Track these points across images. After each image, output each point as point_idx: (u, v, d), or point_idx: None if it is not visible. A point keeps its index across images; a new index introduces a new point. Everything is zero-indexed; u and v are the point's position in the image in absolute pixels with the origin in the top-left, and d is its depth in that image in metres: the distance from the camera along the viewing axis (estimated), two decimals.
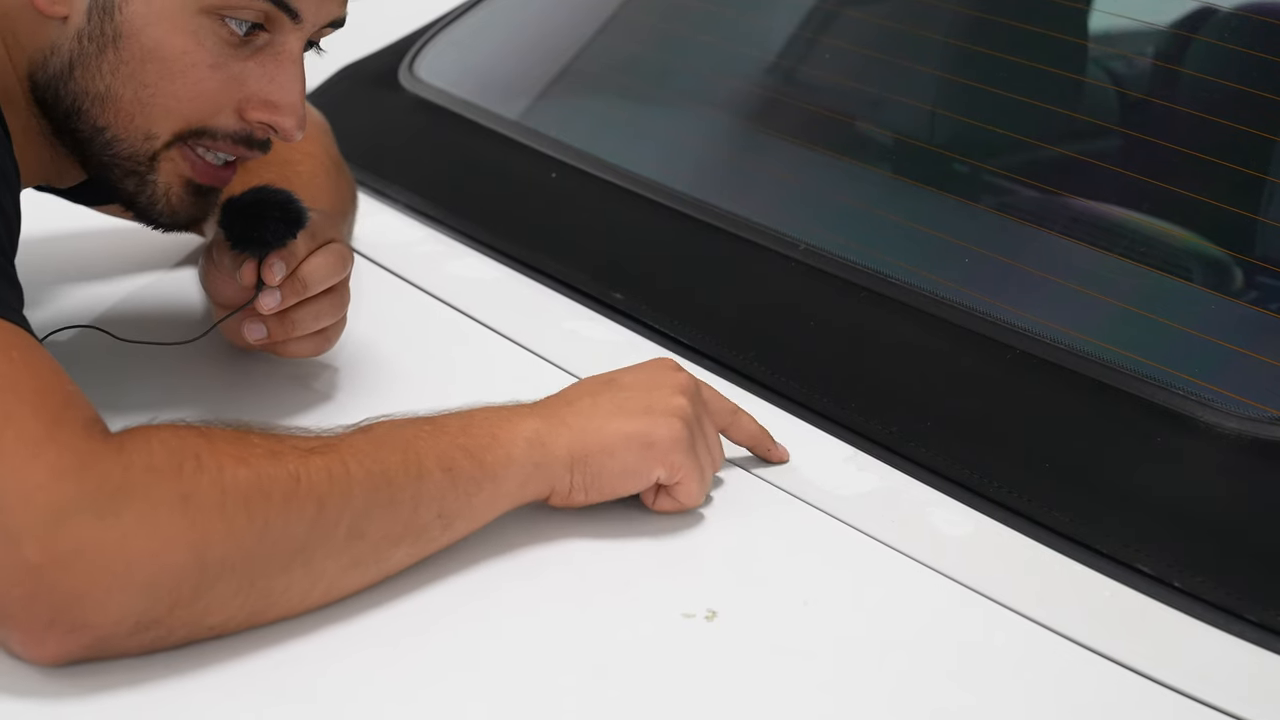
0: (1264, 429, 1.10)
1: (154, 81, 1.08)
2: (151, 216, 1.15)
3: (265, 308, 1.18)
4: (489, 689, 0.93)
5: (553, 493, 1.06)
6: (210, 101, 1.09)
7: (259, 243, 1.18)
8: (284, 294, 1.18)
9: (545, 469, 1.04)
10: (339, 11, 1.13)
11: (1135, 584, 1.05)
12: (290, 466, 0.93)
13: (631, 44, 1.85)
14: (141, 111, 1.09)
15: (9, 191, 1.02)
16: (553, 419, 1.06)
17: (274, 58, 1.10)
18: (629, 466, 1.07)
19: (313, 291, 1.19)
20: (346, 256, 1.22)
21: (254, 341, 1.21)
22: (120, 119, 1.09)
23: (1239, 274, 1.30)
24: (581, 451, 1.05)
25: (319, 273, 1.19)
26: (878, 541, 1.10)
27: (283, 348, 1.22)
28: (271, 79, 1.10)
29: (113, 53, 1.07)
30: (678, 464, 1.07)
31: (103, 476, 0.86)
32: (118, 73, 1.08)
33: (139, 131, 1.09)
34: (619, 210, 1.53)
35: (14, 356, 0.90)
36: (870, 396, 1.25)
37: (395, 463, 0.97)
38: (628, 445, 1.06)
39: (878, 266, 1.34)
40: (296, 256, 1.18)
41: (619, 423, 1.07)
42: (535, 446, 1.04)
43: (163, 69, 1.07)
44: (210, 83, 1.08)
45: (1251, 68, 1.37)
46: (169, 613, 0.88)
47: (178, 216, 1.15)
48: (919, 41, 1.61)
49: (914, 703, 0.94)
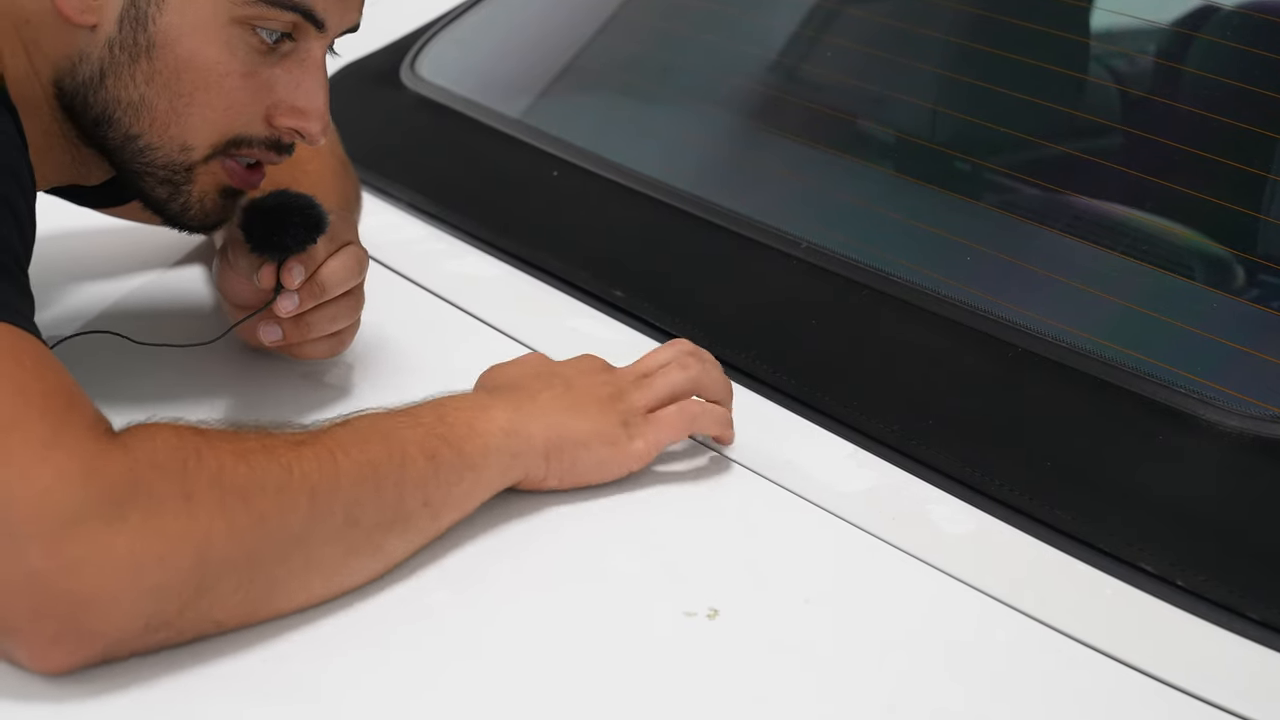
0: (1266, 427, 1.10)
1: (189, 91, 1.09)
2: (182, 222, 1.16)
3: (283, 311, 1.18)
4: (489, 687, 0.93)
5: (526, 478, 1.09)
6: (244, 110, 1.11)
7: (280, 247, 1.18)
8: (302, 297, 1.18)
9: (523, 458, 1.07)
10: (357, 18, 1.15)
11: (1137, 582, 1.05)
12: (282, 459, 0.94)
13: (633, 42, 1.86)
14: (177, 121, 1.09)
15: (23, 197, 1.02)
16: (521, 410, 1.08)
17: (300, 64, 1.11)
18: (602, 459, 1.11)
19: (330, 295, 1.20)
20: (364, 260, 1.23)
21: (269, 344, 1.21)
22: (155, 128, 1.10)
23: (1241, 272, 1.30)
24: (556, 442, 1.09)
25: (337, 276, 1.20)
26: (879, 539, 1.10)
27: (297, 350, 1.23)
28: (298, 85, 1.11)
29: (146, 62, 1.08)
30: (644, 452, 1.12)
31: (109, 480, 0.86)
32: (152, 82, 1.08)
33: (175, 142, 1.10)
34: (620, 208, 1.53)
35: (23, 362, 0.90)
36: (872, 394, 1.25)
37: (378, 452, 0.99)
38: (598, 441, 1.11)
39: (879, 264, 1.34)
40: (315, 260, 1.19)
41: (582, 420, 1.11)
42: (512, 436, 1.06)
43: (198, 79, 1.08)
44: (243, 92, 1.10)
45: (1253, 66, 1.37)
46: (178, 614, 0.88)
47: (208, 220, 1.16)
48: (920, 39, 1.61)
49: (915, 700, 0.94)
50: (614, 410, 1.12)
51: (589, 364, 1.17)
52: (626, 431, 1.12)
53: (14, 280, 0.97)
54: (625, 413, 1.13)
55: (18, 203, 1.01)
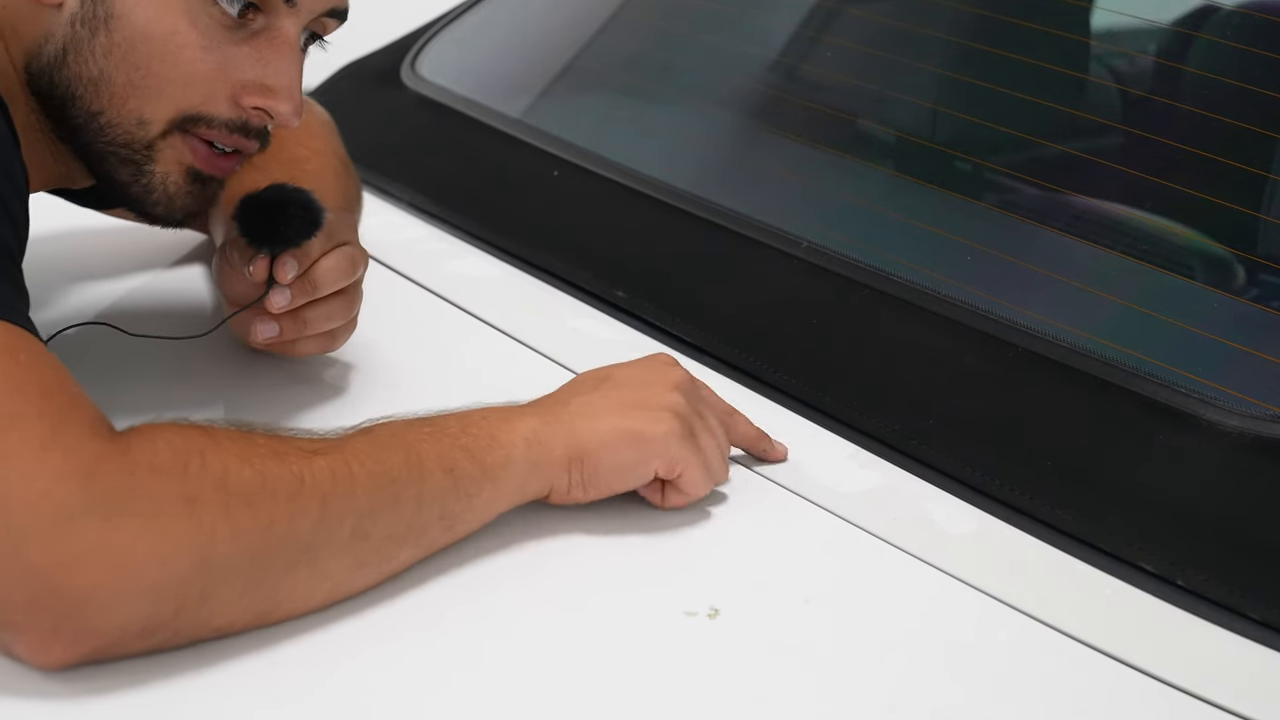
0: (1266, 427, 1.10)
1: (145, 63, 1.06)
2: (146, 208, 1.13)
3: (275, 306, 1.17)
4: (490, 687, 0.93)
5: (552, 491, 1.06)
6: (204, 85, 1.08)
7: (275, 239, 1.17)
8: (294, 293, 1.18)
9: (543, 468, 1.05)
10: (337, 1, 1.12)
11: (1138, 582, 1.05)
12: (294, 467, 0.93)
13: (633, 42, 1.85)
14: (135, 94, 1.07)
15: (16, 195, 1.02)
16: (549, 418, 1.06)
17: (269, 42, 1.09)
18: (625, 462, 1.07)
19: (323, 292, 1.19)
20: (359, 259, 1.22)
21: (263, 341, 1.20)
22: (115, 103, 1.08)
23: (1241, 271, 1.30)
24: (578, 450, 1.06)
25: (330, 274, 1.19)
26: (879, 539, 1.10)
27: (290, 346, 1.22)
28: (267, 63, 1.09)
29: (105, 35, 1.06)
30: (675, 457, 1.08)
31: (108, 479, 0.86)
32: (110, 55, 1.06)
33: (132, 116, 1.08)
34: (621, 208, 1.53)
35: (20, 359, 0.90)
36: (872, 394, 1.25)
37: (397, 463, 0.97)
38: (623, 442, 1.07)
39: (880, 264, 1.34)
40: (310, 256, 1.18)
41: (613, 420, 1.07)
42: (533, 446, 1.04)
43: (154, 50, 1.06)
44: (203, 65, 1.07)
45: (1254, 65, 1.37)
46: (175, 616, 0.88)
47: (174, 206, 1.13)
48: (920, 39, 1.61)
49: (916, 700, 0.94)
50: (653, 410, 1.08)
51: (649, 363, 1.14)
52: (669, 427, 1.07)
53: (9, 278, 0.97)
54: (676, 407, 1.08)
55: (10, 200, 1.00)
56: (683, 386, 1.11)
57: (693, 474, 1.09)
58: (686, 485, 1.09)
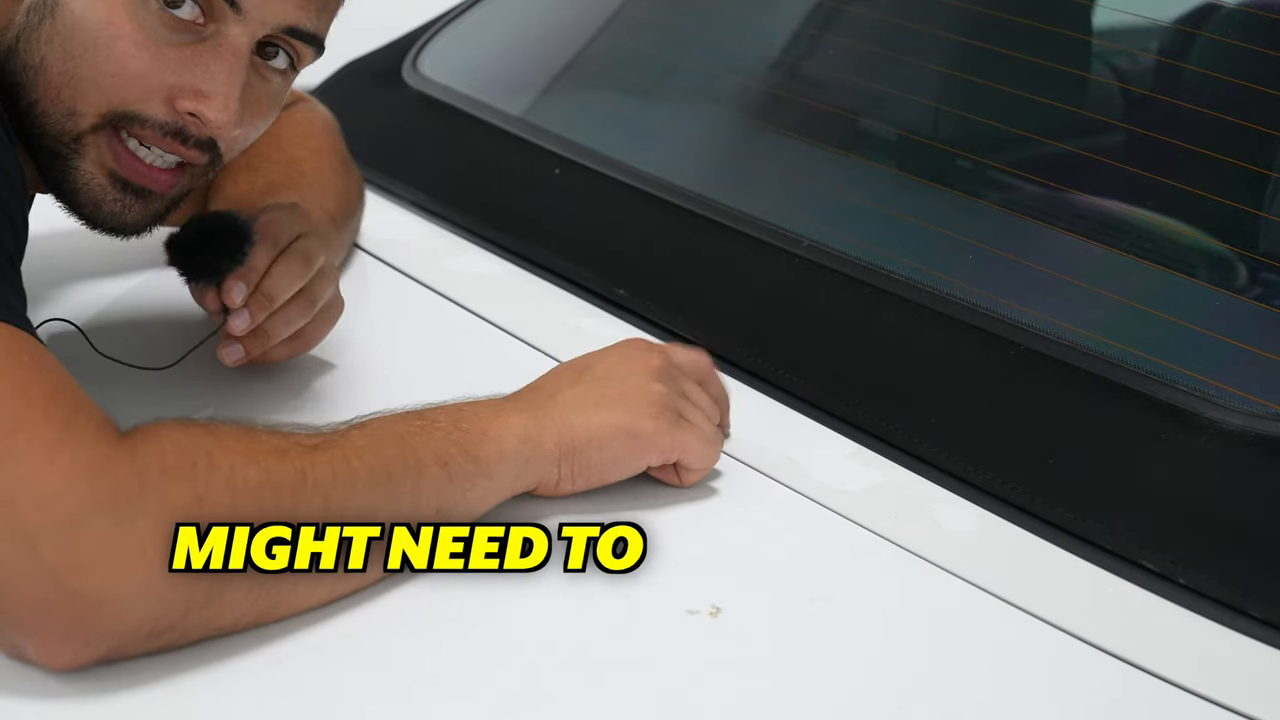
0: (1268, 425, 1.10)
1: (79, 53, 1.04)
2: (76, 209, 1.10)
3: (237, 329, 1.17)
4: (491, 685, 0.93)
5: (540, 484, 1.07)
6: (136, 82, 1.05)
7: (210, 272, 1.17)
8: (252, 311, 1.17)
9: (535, 463, 1.06)
10: (295, 17, 1.07)
11: (1139, 580, 1.05)
12: (296, 463, 0.93)
13: (635, 40, 1.85)
14: (68, 84, 1.05)
15: (14, 196, 1.01)
16: (539, 413, 1.07)
17: (213, 49, 1.05)
18: (618, 456, 1.09)
19: (280, 300, 1.18)
20: (311, 255, 1.20)
21: (232, 363, 1.19)
22: (50, 92, 1.06)
23: (1243, 270, 1.30)
24: (569, 445, 1.07)
25: (282, 282, 1.18)
26: (881, 538, 1.10)
27: (263, 358, 1.21)
28: (205, 68, 1.05)
29: (50, 23, 1.05)
30: (669, 447, 1.09)
31: (117, 480, 0.86)
32: (51, 43, 1.05)
33: (64, 106, 1.06)
34: (623, 206, 1.53)
35: (24, 361, 0.90)
36: (874, 393, 1.25)
37: (394, 458, 0.98)
38: (615, 436, 1.08)
39: (881, 263, 1.34)
40: (256, 271, 1.17)
41: (603, 414, 1.08)
42: (526, 442, 1.05)
43: (88, 39, 1.04)
44: (136, 61, 1.04)
45: (1256, 64, 1.37)
46: (183, 617, 0.88)
47: (101, 209, 1.09)
48: (922, 38, 1.61)
49: (917, 699, 0.94)
50: (640, 403, 1.09)
51: (624, 350, 1.15)
52: (658, 420, 1.09)
53: (9, 280, 0.96)
54: (660, 398, 1.10)
55: (9, 200, 1.00)
56: (662, 373, 1.12)
57: (693, 451, 1.11)
58: (693, 462, 1.11)
